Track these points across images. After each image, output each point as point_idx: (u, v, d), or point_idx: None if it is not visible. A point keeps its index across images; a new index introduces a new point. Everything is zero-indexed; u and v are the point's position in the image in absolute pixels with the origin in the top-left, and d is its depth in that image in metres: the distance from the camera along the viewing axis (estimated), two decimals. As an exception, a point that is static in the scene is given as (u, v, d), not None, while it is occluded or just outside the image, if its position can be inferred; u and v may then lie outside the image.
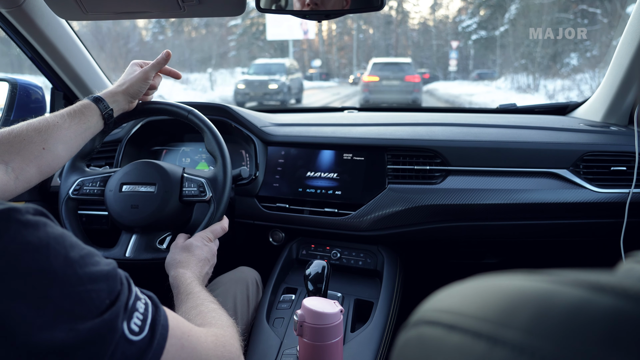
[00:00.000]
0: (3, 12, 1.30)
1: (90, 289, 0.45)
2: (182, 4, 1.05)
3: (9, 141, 0.83)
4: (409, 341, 0.29)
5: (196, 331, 0.60)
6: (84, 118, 0.97)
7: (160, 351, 0.50)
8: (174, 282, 0.91)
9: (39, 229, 0.44)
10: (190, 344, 0.56)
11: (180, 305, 0.82)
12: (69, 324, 0.42)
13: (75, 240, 0.47)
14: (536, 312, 0.23)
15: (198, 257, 0.98)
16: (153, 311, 0.52)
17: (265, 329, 1.11)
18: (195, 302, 0.81)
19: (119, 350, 0.45)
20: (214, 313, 0.77)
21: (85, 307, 0.43)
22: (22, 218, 0.43)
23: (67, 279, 0.43)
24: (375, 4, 1.07)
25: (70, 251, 0.45)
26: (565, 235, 1.39)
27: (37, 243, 0.43)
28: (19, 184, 0.83)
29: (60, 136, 0.90)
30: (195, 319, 0.74)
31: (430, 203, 1.30)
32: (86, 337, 0.43)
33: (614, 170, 1.30)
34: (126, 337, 0.46)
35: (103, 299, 0.45)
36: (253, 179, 1.44)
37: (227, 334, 0.68)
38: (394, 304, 1.22)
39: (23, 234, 0.42)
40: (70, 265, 0.44)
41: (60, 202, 1.16)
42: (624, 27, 1.39)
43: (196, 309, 0.78)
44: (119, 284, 0.48)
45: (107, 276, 0.47)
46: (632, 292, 0.21)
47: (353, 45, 48.57)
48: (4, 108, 1.42)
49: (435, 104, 17.20)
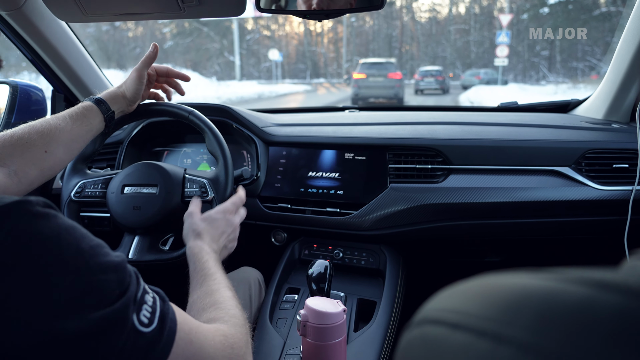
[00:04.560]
0: (3, 14, 1.30)
1: (101, 279, 0.45)
2: (182, 4, 1.05)
3: (12, 144, 0.83)
4: (413, 340, 0.29)
5: (204, 329, 0.60)
6: (86, 120, 0.97)
7: (170, 344, 0.50)
8: (190, 254, 0.88)
9: (49, 220, 0.44)
10: (198, 340, 0.56)
11: (196, 286, 0.80)
12: (80, 313, 0.42)
13: (85, 232, 0.48)
14: (540, 311, 0.23)
15: (217, 228, 0.97)
16: (161, 305, 0.52)
17: (269, 329, 1.11)
18: (210, 287, 0.78)
19: (130, 341, 0.45)
20: (229, 305, 0.75)
21: (96, 297, 0.44)
22: (34, 209, 0.44)
23: (77, 269, 0.44)
24: (375, 3, 1.07)
25: (81, 241, 0.46)
26: (568, 233, 1.39)
27: (49, 233, 0.43)
28: (22, 186, 0.84)
29: (62, 139, 0.90)
30: (209, 310, 0.72)
31: (432, 202, 1.29)
32: (97, 327, 0.43)
33: (617, 167, 1.29)
34: (136, 328, 0.46)
35: (113, 289, 0.46)
36: (255, 180, 1.44)
37: (236, 335, 0.67)
38: (396, 303, 1.21)
39: (35, 224, 0.43)
40: (80, 255, 0.45)
41: (62, 204, 1.16)
42: (625, 25, 1.39)
43: (211, 297, 0.76)
44: (128, 276, 0.49)
45: (117, 267, 0.48)
46: (636, 289, 0.21)
47: (344, 38, 44.65)
48: (5, 111, 1.42)
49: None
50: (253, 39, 43.00)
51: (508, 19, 19.18)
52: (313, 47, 49.55)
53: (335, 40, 49.72)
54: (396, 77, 15.96)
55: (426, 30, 47.00)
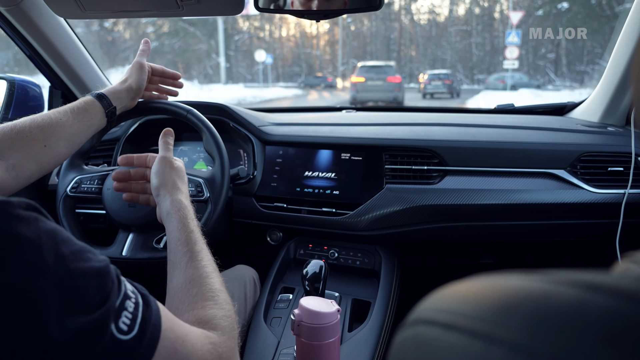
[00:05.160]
0: (1, 10, 1.30)
1: (81, 285, 0.44)
2: (181, 3, 1.05)
3: (11, 137, 0.82)
4: (406, 341, 0.29)
5: (192, 337, 0.57)
6: (88, 116, 0.96)
7: (151, 352, 0.49)
8: (171, 210, 0.82)
9: (30, 223, 0.43)
10: (184, 349, 0.54)
11: (179, 265, 0.73)
12: (57, 320, 0.41)
13: (68, 236, 0.46)
14: (532, 312, 0.23)
15: (184, 180, 0.92)
16: (143, 309, 0.50)
17: (263, 329, 1.11)
18: (198, 271, 0.72)
19: (108, 349, 0.44)
20: (221, 301, 0.69)
21: (75, 304, 0.43)
22: (14, 212, 0.42)
23: (57, 274, 0.42)
24: (373, 3, 1.07)
25: (62, 246, 0.44)
26: (562, 235, 1.40)
27: (29, 236, 0.42)
28: (19, 180, 0.83)
29: (63, 134, 0.90)
30: (198, 304, 0.67)
31: (428, 203, 1.30)
32: (75, 335, 0.42)
33: (611, 170, 1.30)
34: (114, 336, 0.45)
35: (93, 295, 0.44)
36: (251, 179, 1.44)
37: (226, 342, 0.63)
38: (391, 303, 1.22)
39: (15, 227, 0.41)
40: (61, 260, 0.43)
41: (58, 199, 1.15)
42: (621, 29, 1.39)
43: (201, 287, 0.69)
44: (110, 282, 0.47)
45: (98, 273, 0.46)
46: (628, 292, 0.21)
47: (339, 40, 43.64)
48: (2, 106, 1.42)
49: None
50: (242, 39, 41.63)
51: (519, 16, 16.92)
52: (308, 49, 48.69)
53: (331, 43, 48.67)
54: (395, 81, 15.76)
55: (425, 32, 46.50)
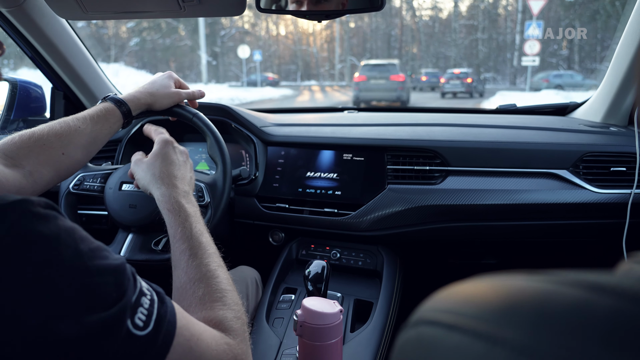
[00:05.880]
0: (3, 11, 1.30)
1: (99, 282, 0.45)
2: (182, 3, 1.05)
3: (29, 146, 0.82)
4: (409, 341, 0.29)
5: (207, 335, 0.57)
6: (107, 123, 0.95)
7: (166, 349, 0.49)
8: (163, 204, 0.82)
9: (49, 220, 0.44)
10: (199, 347, 0.54)
11: (182, 259, 0.72)
12: (75, 315, 0.42)
13: (85, 234, 0.48)
14: (536, 313, 0.23)
15: (184, 166, 0.93)
16: (159, 306, 0.51)
17: (265, 329, 1.11)
18: (206, 267, 0.71)
19: (123, 345, 0.45)
20: (231, 300, 0.68)
21: (92, 300, 0.44)
22: (34, 210, 0.44)
23: (75, 271, 0.44)
24: (375, 3, 1.07)
25: (80, 244, 0.45)
26: (565, 235, 1.39)
27: (48, 233, 0.43)
28: (37, 187, 0.82)
29: (81, 141, 0.89)
30: (207, 304, 0.66)
31: (430, 203, 1.30)
32: (91, 331, 0.43)
33: (614, 170, 1.30)
34: (130, 331, 0.46)
35: (110, 292, 0.46)
36: (253, 179, 1.44)
37: (240, 346, 0.63)
38: (393, 304, 1.22)
39: (35, 224, 0.43)
40: (79, 257, 0.44)
41: (60, 196, 1.16)
42: (623, 29, 1.39)
43: (210, 285, 0.68)
44: (127, 279, 0.48)
45: (115, 270, 0.47)
46: (631, 292, 0.21)
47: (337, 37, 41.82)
48: (4, 108, 1.42)
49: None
50: (228, 34, 39.10)
51: (540, 4, 14.09)
52: (304, 46, 47.48)
53: (330, 39, 47.75)
54: (399, 80, 15.43)
55: (428, 29, 45.78)
